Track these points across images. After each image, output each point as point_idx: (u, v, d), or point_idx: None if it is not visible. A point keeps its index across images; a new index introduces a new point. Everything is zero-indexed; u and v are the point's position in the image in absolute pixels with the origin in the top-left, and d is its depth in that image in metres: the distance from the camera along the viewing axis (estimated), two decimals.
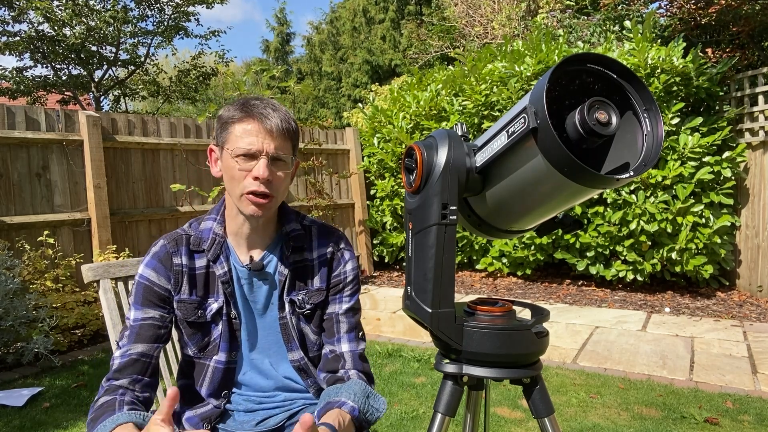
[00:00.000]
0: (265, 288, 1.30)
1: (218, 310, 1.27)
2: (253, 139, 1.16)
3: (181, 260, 1.26)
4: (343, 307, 1.32)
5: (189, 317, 1.26)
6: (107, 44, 10.62)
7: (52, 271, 3.97)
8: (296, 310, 1.30)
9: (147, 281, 1.24)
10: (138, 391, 1.17)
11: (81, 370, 3.54)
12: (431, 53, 11.70)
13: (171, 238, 1.28)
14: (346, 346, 1.30)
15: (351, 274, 1.34)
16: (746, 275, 4.92)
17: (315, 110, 18.25)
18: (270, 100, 1.23)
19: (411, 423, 2.67)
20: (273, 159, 1.18)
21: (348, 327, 1.31)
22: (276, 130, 1.17)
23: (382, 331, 4.29)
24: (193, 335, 1.28)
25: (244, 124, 1.18)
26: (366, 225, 6.61)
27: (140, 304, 1.23)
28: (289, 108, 8.45)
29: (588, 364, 3.44)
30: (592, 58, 0.90)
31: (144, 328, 1.21)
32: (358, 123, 8.38)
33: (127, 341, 1.20)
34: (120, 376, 1.17)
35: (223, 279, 1.26)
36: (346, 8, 18.63)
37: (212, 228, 1.29)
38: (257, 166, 1.16)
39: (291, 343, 1.31)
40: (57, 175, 4.25)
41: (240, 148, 1.16)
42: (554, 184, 0.89)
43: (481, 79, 5.62)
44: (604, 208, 4.98)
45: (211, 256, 1.27)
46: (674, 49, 4.69)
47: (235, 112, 1.20)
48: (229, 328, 1.28)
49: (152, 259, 1.26)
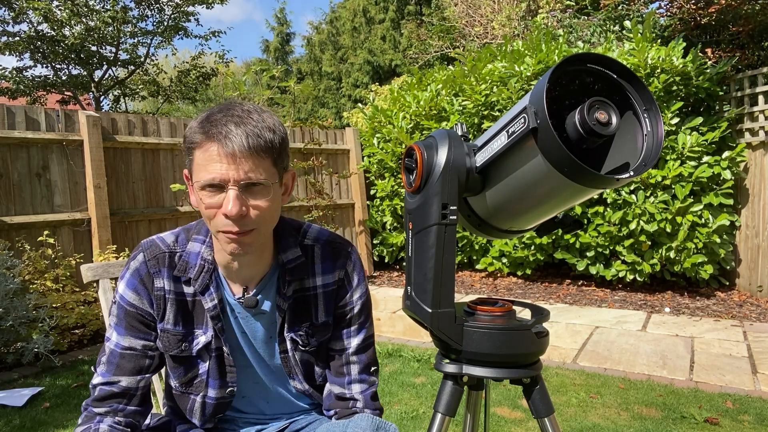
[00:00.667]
0: (262, 322, 1.15)
1: (206, 345, 1.11)
2: (215, 166, 0.95)
3: (163, 284, 1.09)
4: (353, 344, 1.17)
5: (171, 350, 1.11)
6: (107, 44, 10.62)
7: (52, 271, 3.97)
8: (299, 348, 1.16)
9: (129, 305, 1.10)
10: (120, 418, 1.08)
11: (81, 370, 3.54)
12: (431, 53, 11.69)
13: (152, 254, 1.10)
14: (357, 388, 1.16)
15: (358, 304, 1.17)
16: (746, 275, 4.92)
17: (315, 110, 18.24)
18: (241, 106, 1.00)
19: (411, 423, 2.67)
20: (246, 186, 0.96)
21: (360, 367, 1.17)
22: (241, 151, 0.94)
23: (382, 331, 4.29)
24: (175, 368, 1.14)
25: (204, 148, 0.96)
26: (366, 225, 6.60)
27: (123, 328, 1.10)
28: (289, 108, 8.43)
29: (588, 364, 3.44)
30: (592, 58, 0.90)
31: (126, 359, 1.09)
32: (358, 123, 8.38)
33: (106, 369, 1.09)
34: (100, 405, 1.07)
35: (213, 314, 1.10)
36: (346, 8, 18.62)
37: (200, 253, 1.11)
38: (225, 201, 0.96)
39: (294, 375, 1.18)
40: (57, 175, 4.25)
41: (203, 180, 0.96)
42: (554, 184, 0.89)
43: (481, 79, 5.62)
44: (604, 208, 4.98)
45: (199, 287, 1.09)
46: (674, 49, 4.69)
47: (195, 134, 0.98)
48: (219, 364, 1.13)
49: (132, 277, 1.10)
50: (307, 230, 1.18)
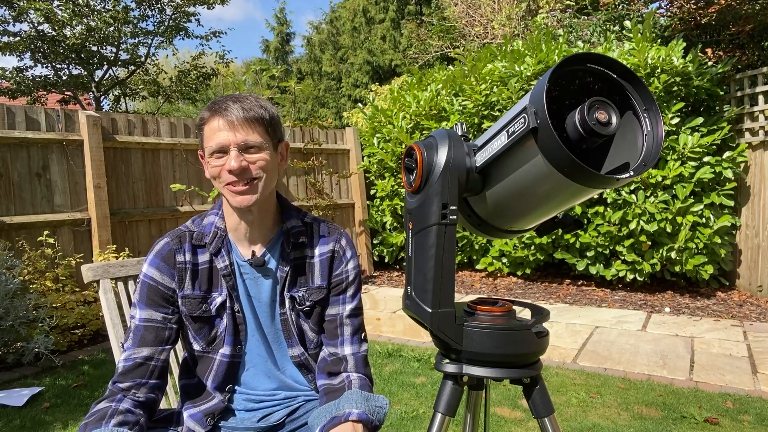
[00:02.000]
0: (267, 283, 1.30)
1: (222, 304, 1.28)
2: (219, 134, 1.19)
3: (184, 257, 1.27)
4: (347, 308, 1.32)
5: (194, 312, 1.27)
6: (107, 44, 10.61)
7: (52, 271, 3.97)
8: (296, 307, 1.30)
9: (151, 280, 1.25)
10: (141, 394, 1.19)
11: (81, 370, 3.54)
12: (431, 53, 11.69)
13: (174, 235, 1.29)
14: (348, 349, 1.30)
15: (352, 273, 1.34)
16: (746, 275, 4.92)
17: (315, 110, 18.24)
18: (240, 94, 1.25)
19: (411, 423, 2.67)
20: (244, 148, 1.19)
21: (352, 330, 1.32)
22: (238, 121, 1.19)
23: (382, 331, 4.29)
24: (200, 330, 1.28)
25: (211, 122, 1.21)
26: (366, 225, 6.61)
27: (144, 303, 1.24)
28: (289, 108, 8.44)
29: (588, 364, 3.44)
30: (593, 58, 0.90)
31: (148, 330, 1.23)
32: (358, 123, 8.38)
33: (131, 343, 1.22)
34: (124, 380, 1.19)
35: (225, 272, 1.27)
36: (346, 8, 18.61)
37: (214, 222, 1.30)
38: (227, 159, 1.19)
39: (291, 338, 1.32)
40: (57, 175, 4.25)
41: (210, 147, 1.20)
42: (554, 184, 0.89)
43: (481, 79, 5.62)
44: (604, 208, 4.98)
45: (213, 249, 1.28)
46: (674, 49, 4.69)
47: (204, 114, 1.23)
48: (233, 321, 1.29)
49: (155, 257, 1.27)
50: (306, 213, 1.39)
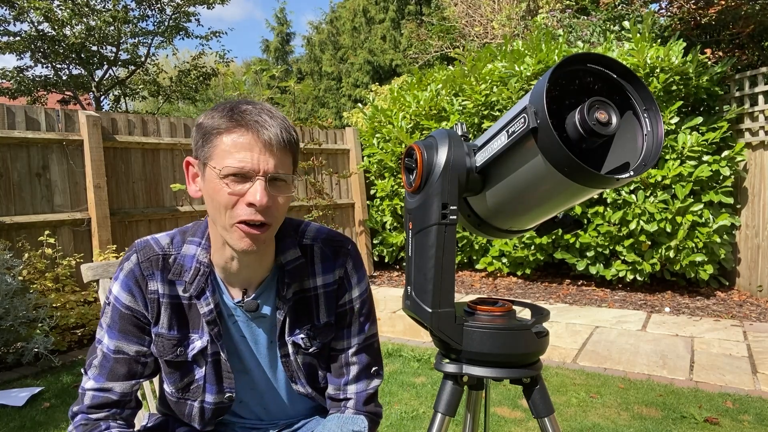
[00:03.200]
0: (262, 327, 1.12)
1: (202, 350, 1.08)
2: (246, 154, 0.93)
3: (157, 287, 1.06)
4: (353, 343, 1.16)
5: (166, 355, 1.07)
6: (107, 44, 10.62)
7: (52, 271, 3.97)
8: (301, 351, 1.13)
9: (123, 307, 1.06)
10: (121, 421, 1.07)
11: (81, 370, 3.53)
12: (431, 53, 11.69)
13: (145, 256, 1.07)
14: (353, 389, 1.16)
15: (358, 302, 1.15)
16: (746, 275, 4.92)
17: (315, 110, 18.24)
18: (264, 104, 0.99)
19: (411, 423, 2.67)
20: (272, 179, 0.95)
21: (359, 369, 1.16)
22: (276, 143, 0.94)
23: (383, 331, 4.29)
24: (171, 374, 1.10)
25: (235, 135, 0.94)
26: (366, 225, 6.60)
27: (117, 331, 1.06)
28: (289, 108, 8.44)
29: (588, 363, 3.44)
30: (592, 58, 0.90)
31: (119, 363, 1.06)
32: (358, 123, 8.38)
33: (99, 373, 1.06)
34: (97, 412, 1.05)
35: (208, 319, 1.06)
36: (346, 8, 18.61)
37: (195, 255, 1.07)
38: (252, 190, 0.94)
39: (296, 379, 1.16)
40: (57, 175, 4.25)
41: (230, 167, 0.93)
42: (554, 184, 0.89)
43: (481, 79, 5.62)
44: (604, 208, 4.98)
45: (194, 291, 1.06)
46: (673, 49, 4.69)
47: (221, 120, 0.95)
48: (216, 369, 1.10)
49: (126, 278, 1.07)
50: (305, 229, 1.16)
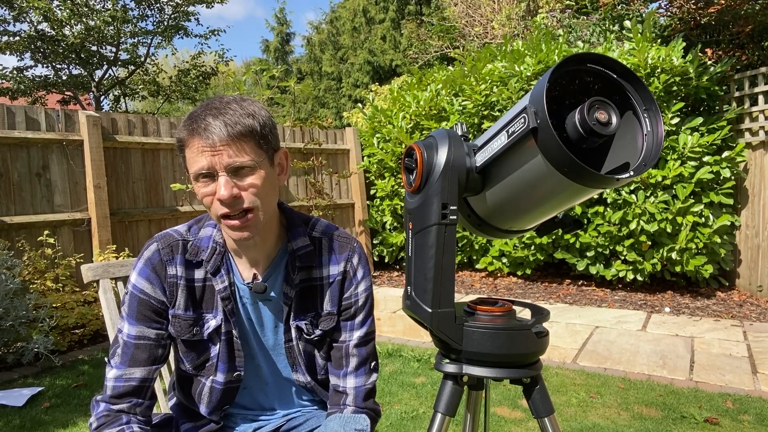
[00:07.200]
0: (269, 309, 1.18)
1: (216, 329, 1.15)
2: (201, 158, 1.01)
3: (176, 270, 1.13)
4: (354, 336, 1.20)
5: (183, 335, 1.14)
6: (107, 44, 10.61)
7: (52, 271, 3.97)
8: (303, 336, 1.19)
9: (141, 293, 1.12)
10: (140, 415, 1.11)
11: (81, 369, 3.54)
12: (431, 53, 11.69)
13: (165, 243, 1.14)
14: (352, 382, 1.19)
15: (363, 297, 1.21)
16: (746, 275, 4.92)
17: (315, 110, 18.23)
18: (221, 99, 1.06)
19: (411, 423, 2.67)
20: (234, 170, 1.02)
21: (358, 361, 1.19)
22: (221, 140, 1.00)
23: (382, 331, 4.29)
24: (187, 353, 1.17)
25: (192, 143, 1.03)
26: (366, 225, 6.60)
27: (135, 318, 1.12)
28: (289, 108, 8.43)
29: (588, 364, 3.44)
30: (593, 58, 0.90)
31: (140, 349, 1.11)
32: (358, 123, 8.37)
33: (120, 361, 1.11)
34: (119, 402, 1.09)
35: (223, 295, 1.14)
36: (346, 8, 18.61)
37: (212, 236, 1.15)
38: (217, 187, 1.02)
39: (297, 366, 1.21)
40: (57, 175, 4.25)
41: (195, 173, 1.03)
42: (554, 184, 0.89)
43: (481, 79, 5.61)
44: (604, 208, 4.98)
45: (211, 268, 1.14)
46: (674, 49, 4.69)
47: (184, 133, 1.05)
48: (229, 348, 1.16)
49: (145, 266, 1.13)
50: (315, 224, 1.23)
